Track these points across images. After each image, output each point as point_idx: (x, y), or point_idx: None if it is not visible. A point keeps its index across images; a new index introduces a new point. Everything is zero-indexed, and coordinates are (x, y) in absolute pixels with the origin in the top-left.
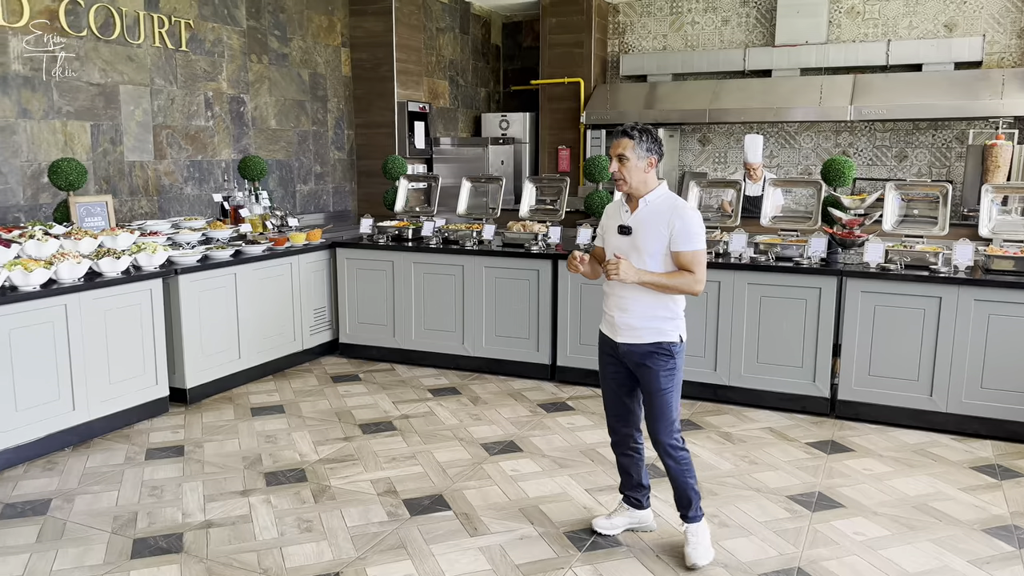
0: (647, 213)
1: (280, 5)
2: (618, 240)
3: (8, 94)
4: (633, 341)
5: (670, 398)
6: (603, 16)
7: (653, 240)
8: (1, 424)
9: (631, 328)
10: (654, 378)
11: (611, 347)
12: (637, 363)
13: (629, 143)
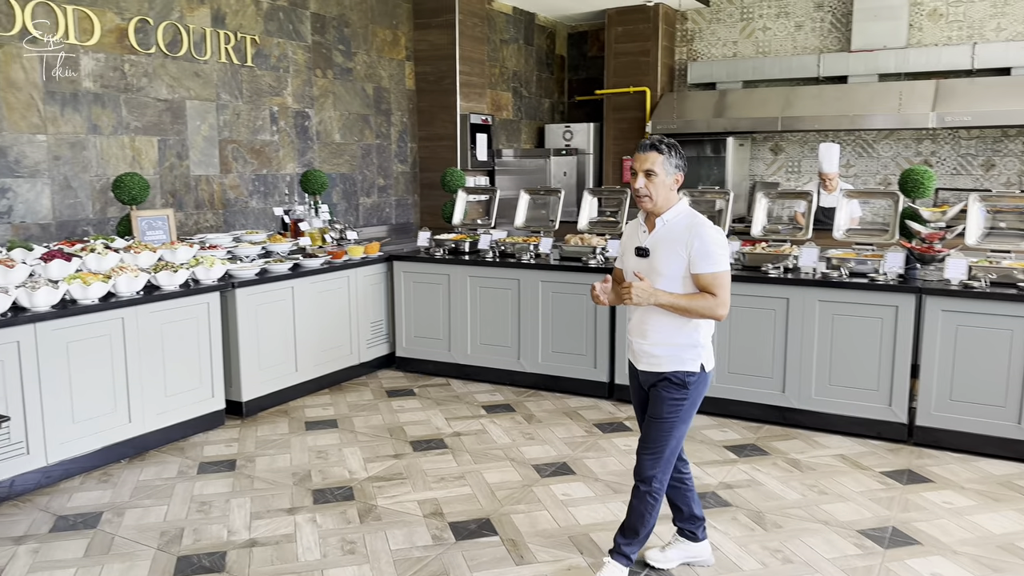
0: (664, 233)
1: (345, 20)
2: (636, 262)
3: (79, 110)
4: (651, 369)
5: (670, 429)
6: (670, 24)
7: (671, 262)
8: (59, 436)
9: (649, 355)
10: (659, 404)
11: (635, 374)
12: (652, 388)
13: (658, 157)
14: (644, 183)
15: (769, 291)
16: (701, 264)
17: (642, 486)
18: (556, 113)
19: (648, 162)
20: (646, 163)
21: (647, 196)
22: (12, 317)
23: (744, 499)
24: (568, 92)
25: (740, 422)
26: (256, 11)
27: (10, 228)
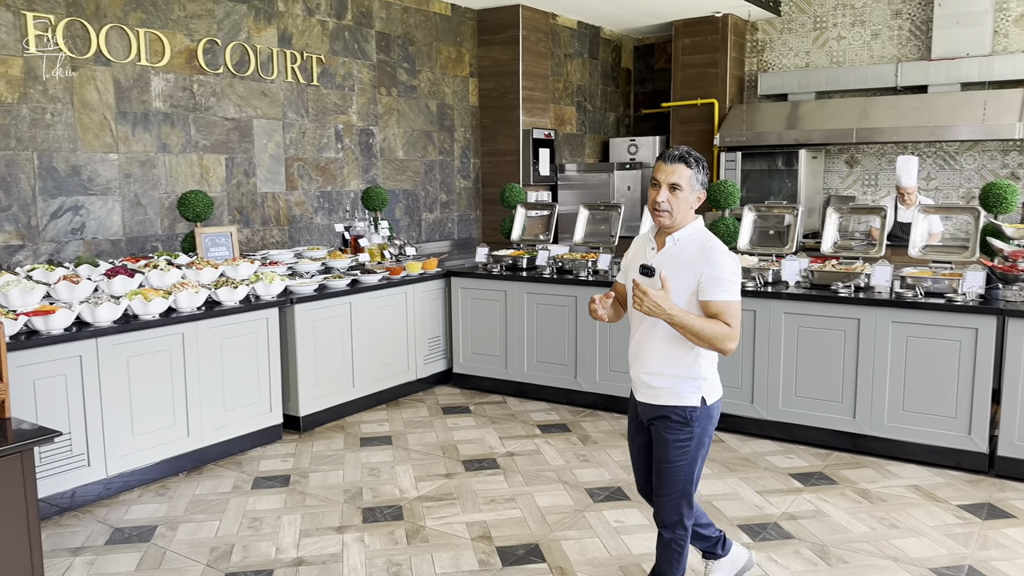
0: (674, 252)
1: (410, 39)
2: (640, 280)
3: (149, 130)
4: (648, 400)
5: (680, 472)
6: (740, 35)
7: (677, 284)
8: (119, 449)
9: (647, 386)
10: (664, 447)
11: (634, 407)
12: (651, 426)
13: (687, 171)
14: (667, 197)
15: (839, 311)
16: (712, 291)
17: (665, 533)
18: (621, 126)
19: (675, 175)
20: (672, 175)
21: (667, 211)
22: (75, 332)
23: (808, 531)
24: (634, 105)
25: (807, 448)
26: (322, 31)
27: (82, 244)
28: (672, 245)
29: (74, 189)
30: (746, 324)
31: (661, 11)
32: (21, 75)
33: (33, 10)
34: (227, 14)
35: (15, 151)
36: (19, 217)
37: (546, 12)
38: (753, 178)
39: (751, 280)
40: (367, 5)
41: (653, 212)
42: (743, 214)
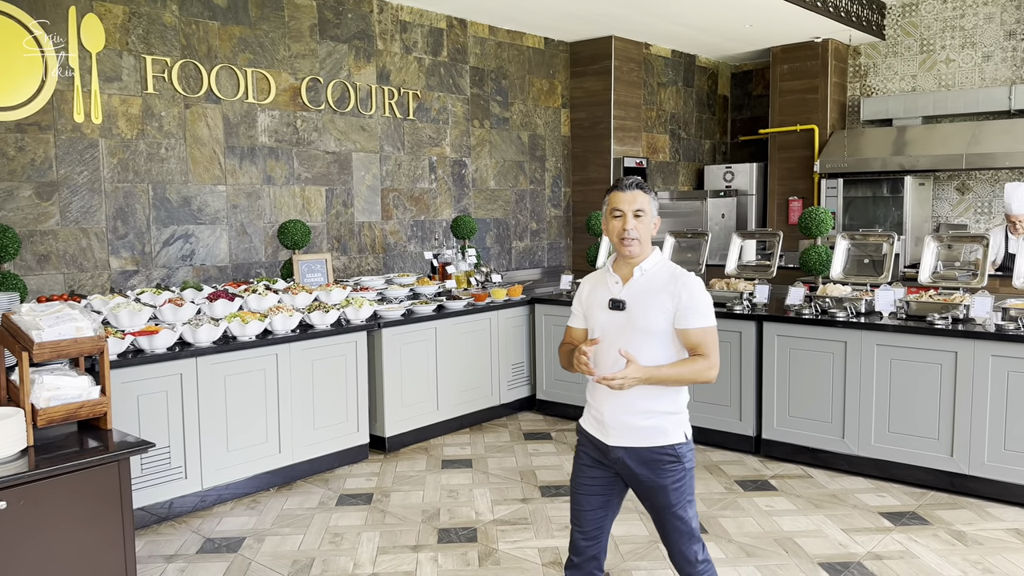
0: (645, 283)
1: (503, 72)
2: (608, 318)
3: (255, 163)
4: (630, 444)
5: (684, 514)
6: (841, 59)
7: (654, 315)
8: (214, 463)
9: (627, 427)
10: (665, 494)
11: (598, 450)
12: (637, 474)
13: (645, 197)
14: (635, 224)
15: (935, 343)
16: (692, 319)
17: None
18: (718, 154)
19: (636, 202)
20: (635, 203)
21: (636, 239)
22: (177, 351)
23: (894, 572)
24: (731, 132)
25: (901, 486)
26: (418, 68)
27: (191, 270)
28: (640, 276)
29: (185, 219)
30: (836, 356)
31: (758, 38)
32: (140, 113)
33: (152, 53)
34: (329, 53)
35: (132, 183)
36: (135, 244)
37: (639, 42)
38: (856, 206)
39: (842, 311)
40: (462, 42)
41: (620, 242)
42: (836, 242)
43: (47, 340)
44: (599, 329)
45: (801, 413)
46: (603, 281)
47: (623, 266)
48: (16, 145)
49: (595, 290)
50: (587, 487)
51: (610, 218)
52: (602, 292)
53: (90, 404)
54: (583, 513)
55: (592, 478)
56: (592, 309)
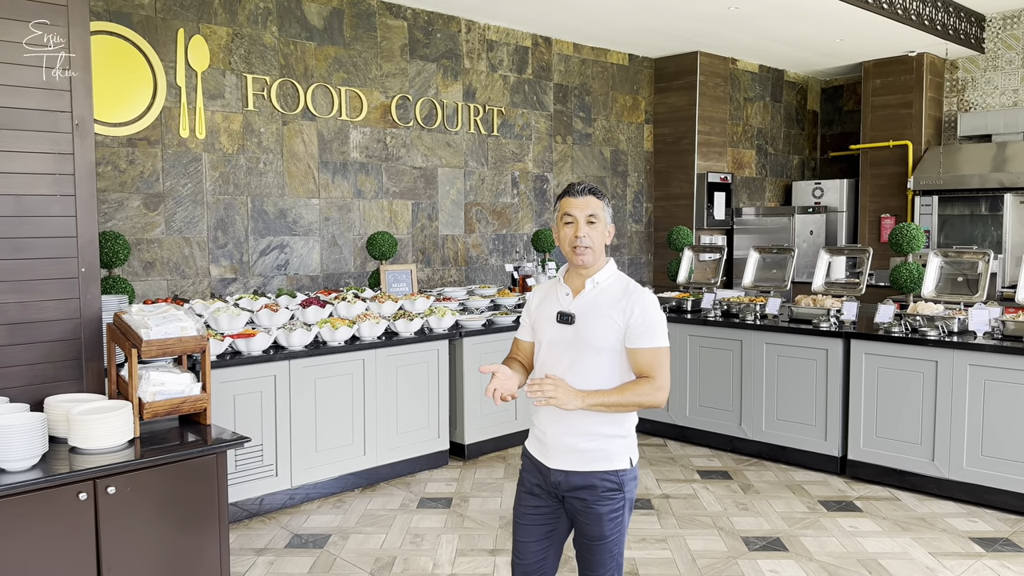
0: (595, 296)
1: (587, 89)
2: (556, 332)
3: (347, 177)
4: (571, 468)
5: (616, 546)
6: (937, 74)
7: (604, 331)
8: (303, 462)
9: (570, 450)
10: (597, 523)
11: (539, 474)
12: (573, 499)
13: (598, 203)
14: (587, 232)
15: None
16: (644, 338)
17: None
18: (807, 170)
19: (589, 207)
20: (587, 208)
21: (589, 247)
22: (271, 354)
23: None
24: (821, 148)
25: (994, 512)
26: (503, 85)
27: (285, 279)
28: (592, 288)
29: (280, 230)
30: (927, 376)
31: (849, 52)
32: (240, 129)
33: (252, 72)
34: (418, 72)
35: (232, 195)
36: (233, 253)
37: (725, 57)
38: (951, 224)
39: (933, 329)
40: (547, 59)
41: (572, 251)
42: (928, 259)
43: (154, 338)
44: (546, 343)
45: (889, 434)
46: (554, 292)
47: (574, 277)
48: (127, 159)
49: (545, 302)
50: (528, 516)
51: (561, 225)
52: (552, 304)
53: (192, 400)
54: (522, 544)
55: (534, 507)
56: (540, 321)
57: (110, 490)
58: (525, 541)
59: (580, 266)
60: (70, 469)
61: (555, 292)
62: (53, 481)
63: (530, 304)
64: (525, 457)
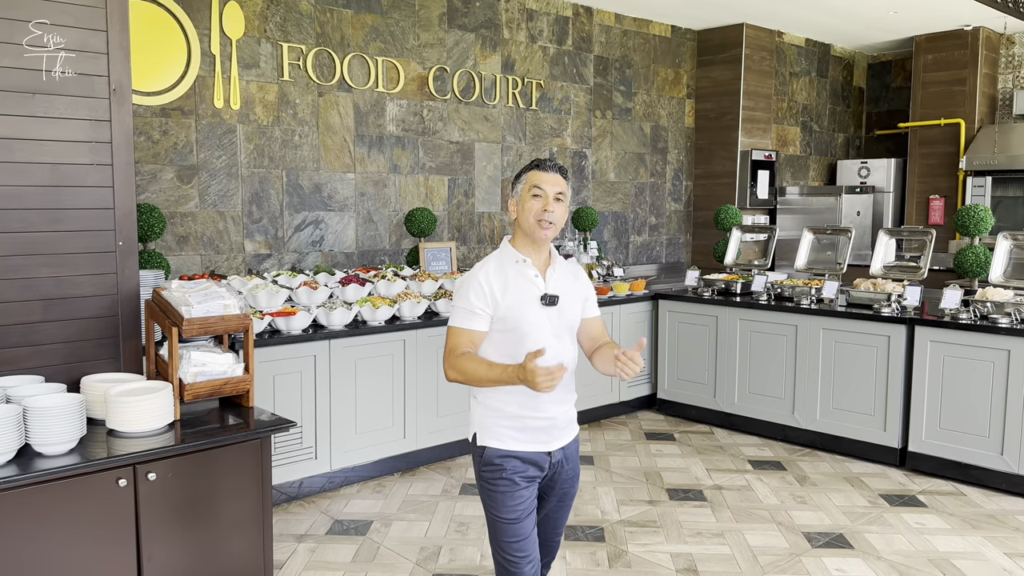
0: (561, 274)
1: (628, 61)
2: (542, 315)
3: (383, 152)
4: (568, 441)
5: None
6: (992, 49)
7: (576, 307)
8: (343, 445)
9: (569, 423)
10: (575, 481)
11: (534, 465)
12: (565, 467)
13: (565, 183)
14: (554, 207)
15: None
16: (595, 307)
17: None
18: (852, 148)
19: (559, 185)
20: (557, 185)
21: (552, 224)
22: (312, 333)
23: None
24: (866, 126)
25: None
26: (543, 57)
27: (320, 255)
28: (554, 266)
29: (316, 205)
30: (997, 365)
31: (901, 26)
32: (275, 100)
33: (288, 41)
34: (456, 43)
35: (267, 169)
36: (268, 229)
37: (771, 30)
38: (1005, 206)
39: (1005, 316)
40: (587, 30)
41: (538, 224)
42: (996, 243)
43: (196, 316)
44: (532, 329)
45: (954, 426)
46: (518, 274)
47: (533, 255)
48: (160, 129)
49: (511, 286)
50: (527, 511)
51: (528, 197)
52: (523, 287)
53: (234, 381)
54: (527, 541)
55: (529, 500)
56: (517, 309)
57: (150, 476)
58: (528, 536)
59: (540, 241)
60: (109, 454)
61: (519, 273)
62: (92, 467)
63: (488, 290)
64: (508, 459)
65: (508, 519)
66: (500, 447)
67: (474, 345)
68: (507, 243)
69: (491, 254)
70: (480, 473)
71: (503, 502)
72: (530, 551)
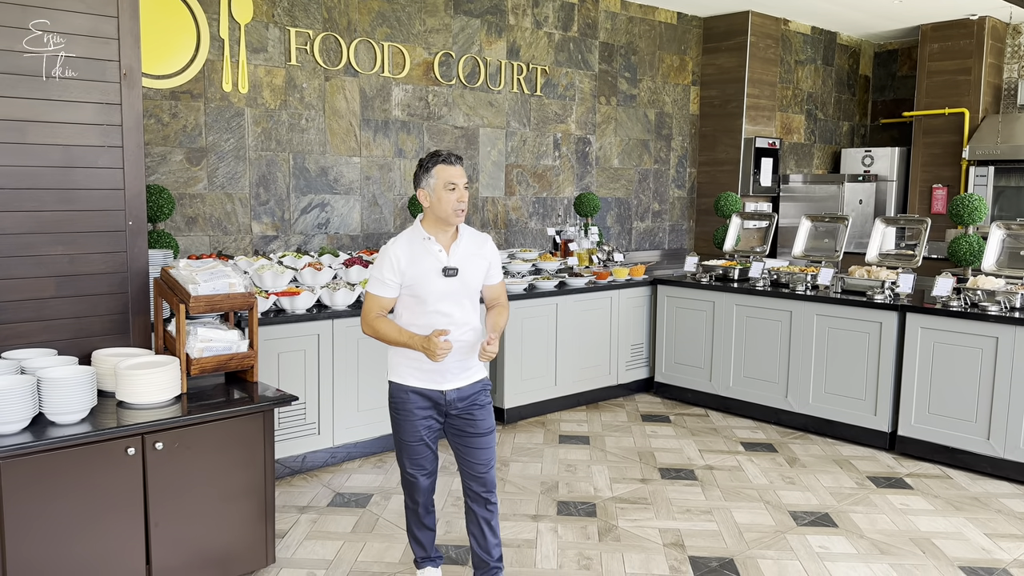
0: (466, 249)
1: (633, 48)
2: (444, 285)
3: (388, 136)
4: (468, 382)
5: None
6: (998, 39)
7: (477, 275)
8: (345, 421)
9: (468, 368)
10: (487, 417)
11: (435, 401)
12: (468, 406)
13: (464, 171)
14: (465, 196)
15: None
16: (497, 274)
17: (493, 498)
18: (856, 137)
19: (464, 176)
20: (463, 177)
21: (465, 210)
22: (316, 313)
23: None
24: (871, 114)
25: None
26: (548, 43)
27: (326, 238)
28: (460, 242)
29: (322, 188)
30: (986, 352)
31: (907, 14)
32: (283, 84)
33: (296, 26)
34: (462, 28)
35: (275, 152)
36: (275, 211)
37: (777, 18)
38: (1007, 196)
39: (994, 304)
40: (593, 16)
41: (455, 212)
42: (990, 232)
43: (203, 294)
44: (433, 296)
45: (942, 410)
46: (422, 250)
47: (440, 235)
48: (170, 112)
49: (417, 260)
50: (425, 435)
51: (443, 191)
52: (426, 261)
53: (239, 357)
54: (424, 458)
55: (427, 427)
56: (422, 279)
57: (158, 445)
58: (425, 455)
59: (455, 224)
60: (118, 424)
61: (424, 249)
62: (102, 435)
63: (396, 264)
64: (409, 393)
65: (407, 441)
66: (402, 383)
67: (384, 309)
68: (418, 223)
69: (403, 231)
70: (390, 403)
71: (403, 427)
72: (426, 466)
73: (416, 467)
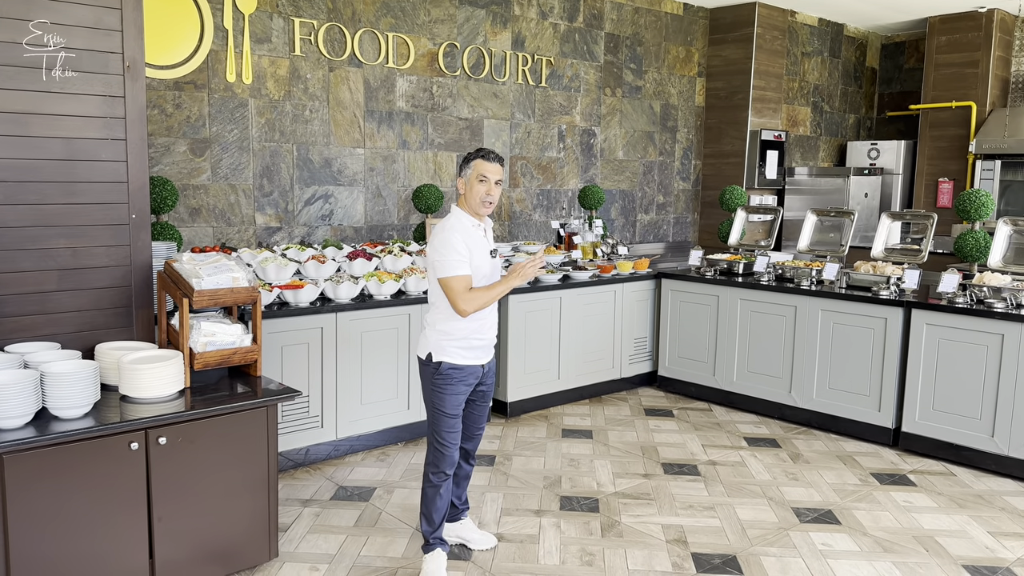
0: (490, 234)
1: (639, 39)
2: (491, 265)
3: (392, 127)
4: (492, 356)
5: None
6: (1007, 31)
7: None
8: (348, 414)
9: (493, 341)
10: (493, 387)
11: (473, 375)
12: (488, 374)
13: (502, 170)
14: (495, 191)
15: None
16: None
17: (473, 462)
18: (862, 129)
19: (499, 174)
20: (498, 174)
21: (493, 204)
22: (319, 306)
23: None
24: (878, 107)
25: None
26: (553, 34)
27: (330, 229)
28: (488, 229)
29: (325, 180)
30: (991, 349)
31: (915, 6)
32: (287, 75)
33: (300, 16)
34: (467, 19)
35: (278, 143)
36: (278, 202)
37: (784, 9)
38: (1014, 190)
39: (1000, 301)
40: (599, 7)
41: (482, 203)
42: (996, 227)
43: (206, 288)
44: (484, 274)
45: (947, 407)
46: (474, 236)
47: (480, 220)
48: (174, 102)
49: (470, 242)
50: (462, 408)
51: (475, 182)
52: (480, 245)
53: (243, 351)
54: (460, 430)
55: (466, 400)
56: (476, 259)
57: (161, 440)
58: (459, 428)
59: (482, 215)
60: (122, 418)
61: (475, 236)
62: (105, 430)
63: (462, 245)
64: (459, 370)
65: (451, 414)
66: (452, 361)
67: (468, 286)
68: (459, 210)
69: (449, 219)
70: (434, 381)
71: (450, 402)
72: (459, 439)
73: (453, 439)
